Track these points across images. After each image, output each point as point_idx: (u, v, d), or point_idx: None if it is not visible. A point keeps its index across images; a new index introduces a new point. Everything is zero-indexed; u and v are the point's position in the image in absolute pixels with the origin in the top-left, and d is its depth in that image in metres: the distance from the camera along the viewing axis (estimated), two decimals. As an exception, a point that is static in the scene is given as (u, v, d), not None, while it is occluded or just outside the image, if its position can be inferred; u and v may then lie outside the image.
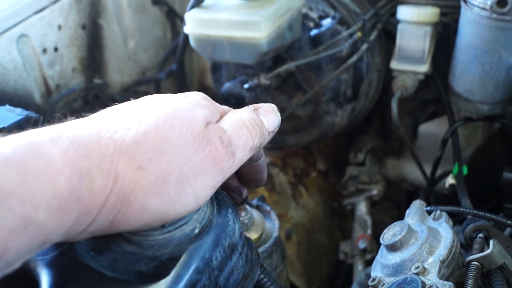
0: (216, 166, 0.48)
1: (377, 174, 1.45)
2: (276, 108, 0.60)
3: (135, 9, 1.44)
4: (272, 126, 0.58)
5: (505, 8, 1.04)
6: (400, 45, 1.23)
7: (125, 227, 0.46)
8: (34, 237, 0.38)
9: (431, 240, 0.76)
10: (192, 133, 0.47)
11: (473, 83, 1.16)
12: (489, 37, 1.09)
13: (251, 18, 0.97)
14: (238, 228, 0.55)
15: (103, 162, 0.42)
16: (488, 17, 1.07)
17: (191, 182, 0.47)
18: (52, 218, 0.39)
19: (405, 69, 1.23)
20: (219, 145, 0.49)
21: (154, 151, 0.45)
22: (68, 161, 0.41)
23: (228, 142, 0.50)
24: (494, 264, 0.73)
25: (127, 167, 0.43)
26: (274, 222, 0.89)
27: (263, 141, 0.56)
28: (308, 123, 1.29)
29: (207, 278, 0.49)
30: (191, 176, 0.47)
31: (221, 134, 0.50)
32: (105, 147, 0.43)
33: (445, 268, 0.73)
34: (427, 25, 1.20)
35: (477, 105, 1.19)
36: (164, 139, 0.46)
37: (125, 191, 0.43)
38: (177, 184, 0.46)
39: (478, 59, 1.13)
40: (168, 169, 0.45)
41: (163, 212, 0.46)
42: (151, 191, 0.44)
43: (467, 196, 1.07)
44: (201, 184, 0.47)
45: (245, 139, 0.52)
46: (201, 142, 0.47)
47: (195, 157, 0.47)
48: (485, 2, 1.06)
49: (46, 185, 0.39)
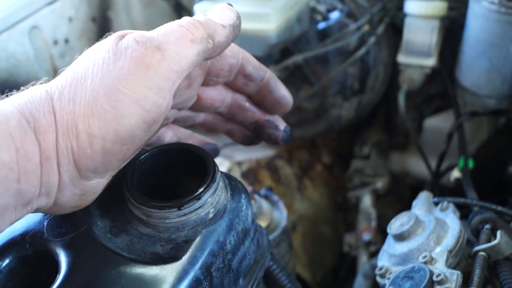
0: (140, 65, 0.47)
1: (382, 168, 1.46)
2: (228, 6, 0.58)
3: (143, 2, 1.45)
4: (227, 20, 0.56)
5: (513, 2, 1.05)
6: (407, 38, 1.24)
7: (91, 163, 0.46)
8: (4, 180, 0.41)
9: (438, 230, 0.77)
10: (106, 47, 0.47)
11: (480, 77, 1.17)
12: (497, 31, 1.10)
13: (261, 10, 0.98)
14: (250, 213, 0.56)
15: (41, 105, 0.45)
16: (497, 11, 1.08)
17: (121, 90, 0.46)
18: (15, 161, 0.42)
19: (412, 63, 1.24)
20: (135, 45, 0.47)
21: (77, 81, 0.46)
22: (14, 109, 0.44)
23: (145, 39, 0.48)
24: (501, 254, 0.74)
25: (60, 103, 0.45)
26: (282, 212, 0.90)
27: (213, 32, 0.53)
28: (314, 116, 1.30)
29: (221, 261, 0.50)
30: (118, 84, 0.45)
31: (135, 36, 0.48)
32: (39, 94, 0.46)
33: (453, 258, 0.74)
34: (435, 19, 1.21)
35: (484, 99, 1.19)
36: (83, 67, 0.47)
37: (66, 125, 0.45)
38: (107, 97, 0.45)
39: (485, 53, 1.14)
40: (94, 88, 0.45)
41: (111, 131, 0.46)
42: (87, 115, 0.45)
43: (473, 189, 1.08)
44: (133, 88, 0.46)
45: (177, 33, 0.49)
46: (116, 51, 0.47)
47: (114, 66, 0.46)
48: (494, -4, 1.07)
49: (1, 129, 0.42)
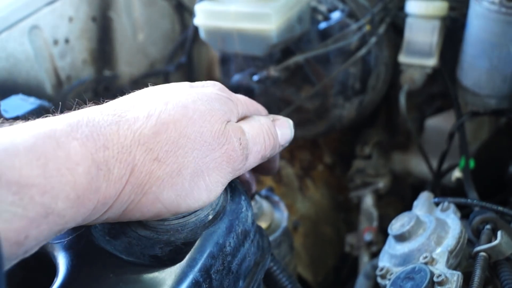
0: (229, 165, 0.50)
1: (384, 168, 1.46)
2: (292, 124, 0.63)
3: (144, 2, 1.45)
4: (285, 140, 0.60)
5: (514, 2, 1.04)
6: (408, 38, 1.23)
7: (137, 216, 0.47)
8: (53, 226, 0.40)
9: (439, 231, 0.77)
10: (211, 131, 0.48)
11: (481, 77, 1.16)
12: (497, 31, 1.09)
13: (261, 10, 0.98)
14: (250, 215, 0.56)
15: (121, 153, 0.43)
16: (497, 11, 1.07)
17: (204, 177, 0.48)
18: (70, 208, 0.40)
19: (413, 63, 1.23)
20: (237, 146, 0.50)
21: (172, 144, 0.45)
22: (87, 153, 0.41)
23: (246, 145, 0.51)
24: (502, 255, 0.73)
25: (144, 158, 0.44)
26: (283, 213, 0.90)
27: (273, 153, 0.58)
28: (316, 116, 1.30)
29: (220, 263, 0.50)
30: (205, 171, 0.47)
31: (241, 135, 0.51)
32: (123, 138, 0.44)
33: (453, 259, 0.73)
34: (436, 19, 1.20)
35: (485, 99, 1.19)
36: (183, 133, 0.46)
37: (140, 181, 0.44)
38: (191, 178, 0.47)
39: (486, 53, 1.13)
40: (184, 163, 0.46)
41: (175, 204, 0.47)
42: (165, 183, 0.45)
43: (474, 189, 1.07)
44: (214, 180, 0.48)
45: (260, 147, 0.54)
46: (219, 141, 0.48)
47: (211, 154, 0.48)
48: (495, -4, 1.07)
49: (66, 176, 0.39)
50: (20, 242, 0.38)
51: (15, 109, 0.82)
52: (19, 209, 0.37)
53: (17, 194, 0.36)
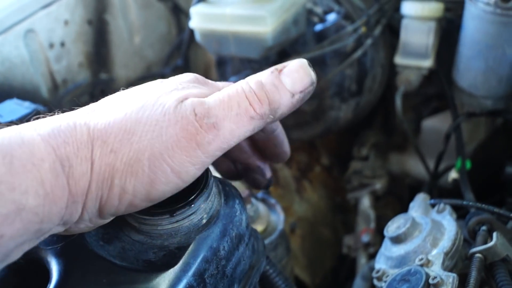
0: (191, 141, 0.46)
1: (381, 169, 1.46)
2: (306, 64, 0.52)
3: (140, 5, 1.45)
4: (299, 86, 0.51)
5: (509, 3, 1.04)
6: (404, 40, 1.23)
7: (113, 211, 0.46)
8: (28, 224, 0.40)
9: (435, 233, 0.77)
10: (162, 110, 0.46)
11: (477, 78, 1.17)
12: (493, 32, 1.10)
13: (257, 13, 0.98)
14: (245, 218, 0.56)
15: (80, 149, 0.43)
16: (492, 13, 1.07)
17: (165, 159, 0.45)
18: (42, 205, 0.40)
19: (409, 64, 1.23)
20: (192, 118, 0.46)
21: (124, 133, 0.45)
22: (50, 149, 0.42)
23: (205, 113, 0.46)
24: (497, 256, 0.74)
25: (101, 152, 0.44)
26: (279, 215, 0.90)
27: (277, 107, 0.50)
28: (312, 118, 1.30)
29: (214, 268, 0.50)
30: (164, 152, 0.45)
31: (196, 106, 0.46)
32: (80, 134, 0.44)
33: (449, 260, 0.73)
34: (431, 20, 1.21)
35: (481, 100, 1.19)
36: (135, 119, 0.45)
37: (102, 176, 0.44)
38: (150, 162, 0.45)
39: (482, 54, 1.13)
40: (140, 148, 0.44)
41: (143, 192, 0.45)
42: (126, 172, 0.44)
43: (470, 190, 1.07)
44: (178, 160, 0.45)
45: (238, 108, 0.47)
46: (171, 117, 0.45)
47: (166, 132, 0.45)
48: (490, -3, 1.07)
49: (32, 172, 0.40)
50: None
51: (9, 114, 0.82)
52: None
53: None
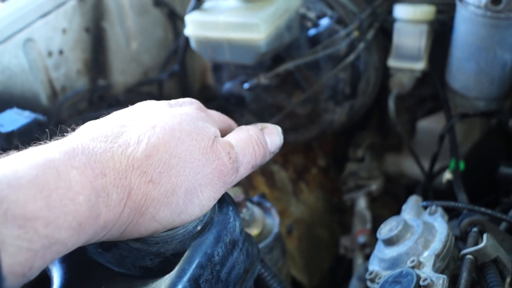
0: (221, 180, 0.52)
1: (376, 170, 1.48)
2: (280, 131, 0.63)
3: (137, 11, 1.46)
4: (275, 147, 0.61)
5: (500, 5, 1.06)
6: (397, 43, 1.25)
7: (135, 235, 0.49)
8: (55, 254, 0.41)
9: (426, 235, 0.78)
10: (200, 149, 0.50)
11: (469, 79, 1.18)
12: (484, 34, 1.11)
13: (250, 20, 1.00)
14: (238, 224, 0.58)
15: (118, 179, 0.45)
16: (483, 15, 1.09)
17: (198, 194, 0.50)
18: (72, 235, 0.42)
19: (402, 67, 1.25)
20: (227, 160, 0.52)
21: (164, 165, 0.47)
22: (86, 181, 0.43)
23: (235, 158, 0.53)
24: (488, 257, 0.75)
25: (139, 181, 0.46)
26: (275, 218, 0.92)
27: (264, 161, 0.59)
28: (307, 121, 1.32)
29: (209, 273, 0.52)
30: (198, 188, 0.50)
31: (230, 150, 0.53)
32: (118, 164, 0.46)
33: (440, 262, 0.75)
34: (423, 23, 1.22)
35: (473, 101, 1.21)
36: (173, 153, 0.48)
37: (137, 203, 0.47)
38: (185, 196, 0.49)
39: (473, 56, 1.15)
40: (177, 182, 0.48)
41: (170, 221, 0.49)
42: (161, 203, 0.48)
43: (464, 191, 1.09)
44: (207, 196, 0.51)
45: (250, 157, 0.55)
46: (209, 157, 0.50)
47: (202, 171, 0.50)
48: (480, 1, 1.08)
49: (68, 206, 0.41)
50: (25, 273, 0.39)
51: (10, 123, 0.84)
52: (24, 243, 0.38)
53: (22, 228, 0.38)
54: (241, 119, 1.44)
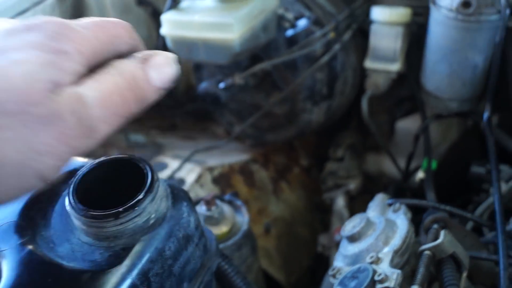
0: (67, 146, 0.39)
1: (356, 169, 1.50)
2: (172, 59, 0.47)
3: (119, 10, 1.48)
4: (163, 81, 0.45)
5: (470, 9, 1.08)
6: (373, 44, 1.27)
7: None
8: None
9: (387, 231, 0.80)
10: (32, 107, 0.37)
11: (442, 81, 1.20)
12: (456, 37, 1.13)
13: (224, 20, 1.01)
14: (193, 220, 0.59)
15: None
16: (455, 18, 1.11)
17: (33, 165, 0.38)
18: None
19: (378, 68, 1.27)
20: (73, 123, 0.38)
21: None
22: None
23: (87, 116, 0.39)
24: (445, 253, 0.77)
25: None
26: (244, 216, 0.94)
27: (145, 103, 0.45)
28: (286, 121, 1.34)
29: (160, 267, 0.53)
30: (33, 158, 0.38)
31: (76, 106, 0.39)
32: None
33: (399, 257, 0.77)
34: (399, 26, 1.24)
35: (447, 103, 1.23)
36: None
37: None
38: (16, 169, 0.37)
39: (446, 59, 1.17)
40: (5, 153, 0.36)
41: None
42: None
43: (433, 190, 1.11)
44: (45, 166, 0.39)
45: (116, 107, 0.42)
46: (45, 120, 0.37)
47: (37, 137, 0.37)
48: (451, 4, 1.11)
49: None
50: None
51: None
52: None
53: None
54: (221, 119, 1.45)
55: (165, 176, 1.15)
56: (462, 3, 1.08)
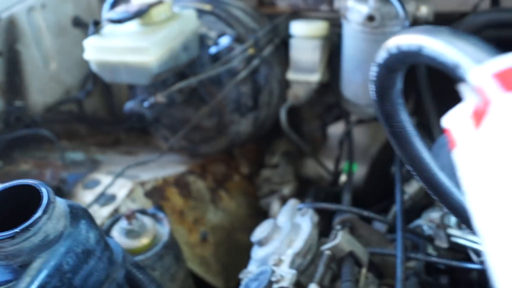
0: None
1: (290, 175, 1.57)
2: None
3: (55, 32, 1.52)
4: None
5: (375, 23, 1.17)
6: (294, 57, 1.35)
7: None
8: None
9: (292, 235, 0.87)
10: None
11: (358, 89, 1.29)
12: (365, 48, 1.22)
13: (141, 44, 1.07)
14: (93, 235, 0.65)
15: None
16: (362, 31, 1.20)
17: None
18: None
19: (299, 79, 1.35)
20: None
21: None
22: None
23: None
24: (343, 252, 0.84)
25: None
26: (166, 228, 0.99)
27: None
28: (216, 133, 1.40)
29: (58, 280, 0.59)
30: None
31: None
32: None
33: (301, 259, 0.84)
34: (316, 39, 1.32)
35: (364, 109, 1.31)
36: None
37: None
38: None
39: (359, 68, 1.25)
40: None
41: None
42: None
43: (349, 192, 1.18)
44: None
45: None
46: None
47: None
48: (359, 18, 1.19)
49: None
50: None
51: None
52: None
53: None
54: (156, 133, 1.51)
55: (97, 192, 1.19)
56: (366, 17, 1.17)
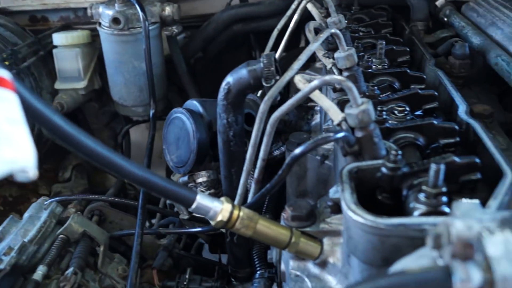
0: None
1: (82, 187, 1.57)
2: None
3: None
4: None
5: (120, 25, 1.23)
6: (59, 67, 1.36)
7: None
8: None
9: (27, 226, 0.89)
10: None
11: (122, 91, 1.34)
12: (119, 50, 1.28)
13: None
14: None
15: None
16: (112, 33, 1.26)
17: None
18: None
19: (67, 88, 1.37)
20: None
21: None
22: None
23: None
24: (76, 233, 0.89)
25: None
26: None
27: None
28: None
29: None
30: None
31: None
32: None
33: (34, 246, 0.86)
34: (77, 47, 1.35)
35: (132, 109, 1.37)
36: None
37: None
38: None
39: (118, 70, 1.31)
40: None
41: None
42: None
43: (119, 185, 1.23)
44: None
45: None
46: None
47: None
48: (108, 22, 1.25)
49: None
50: None
51: None
52: None
53: None
54: None
55: None
56: (111, 20, 1.23)
